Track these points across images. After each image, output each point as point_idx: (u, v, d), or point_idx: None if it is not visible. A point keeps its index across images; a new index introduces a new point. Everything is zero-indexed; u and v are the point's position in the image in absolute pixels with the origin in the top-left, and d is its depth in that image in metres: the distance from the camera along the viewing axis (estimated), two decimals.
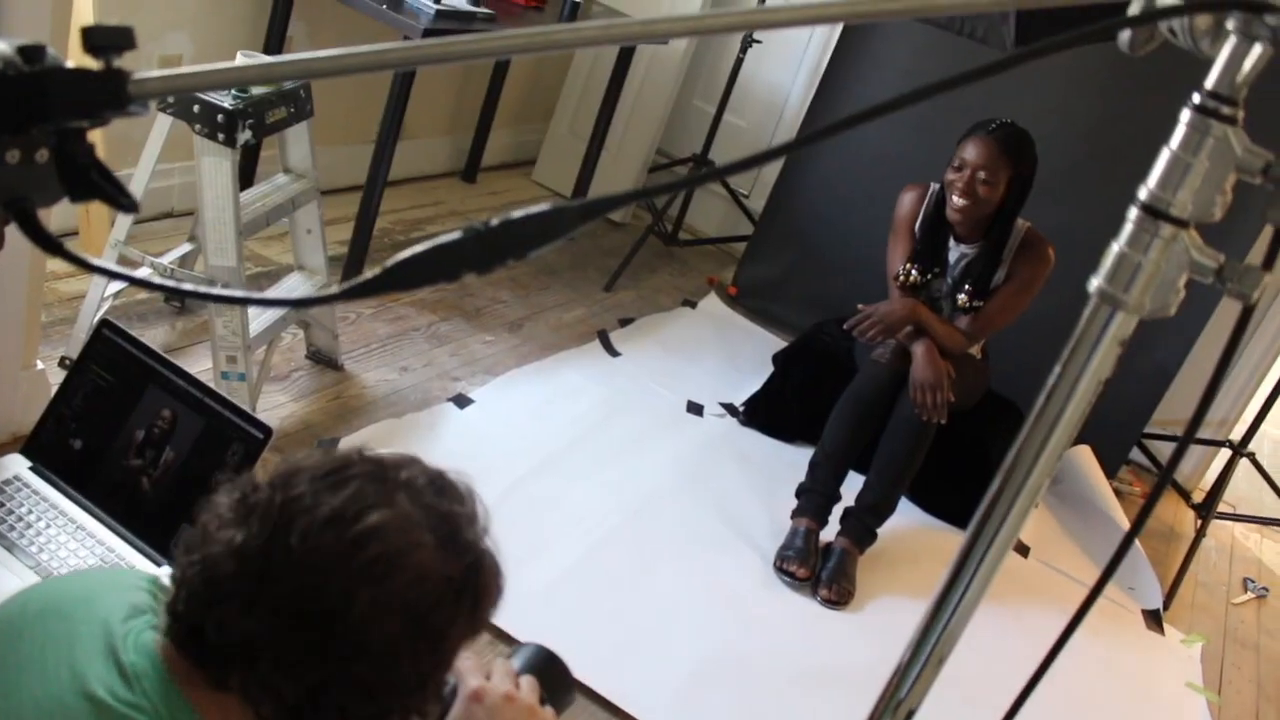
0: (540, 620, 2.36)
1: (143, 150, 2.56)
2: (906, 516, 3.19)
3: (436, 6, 3.18)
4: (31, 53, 0.92)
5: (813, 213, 4.13)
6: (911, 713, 1.11)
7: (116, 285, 2.72)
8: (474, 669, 1.26)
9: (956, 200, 2.91)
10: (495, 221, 0.89)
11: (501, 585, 1.11)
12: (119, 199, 0.94)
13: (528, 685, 1.28)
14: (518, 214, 0.90)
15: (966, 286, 3.01)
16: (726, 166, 0.83)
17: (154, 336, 2.89)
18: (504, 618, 2.30)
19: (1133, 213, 0.86)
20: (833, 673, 2.55)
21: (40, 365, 2.38)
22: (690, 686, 2.35)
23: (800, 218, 4.17)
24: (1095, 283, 0.88)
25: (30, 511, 1.86)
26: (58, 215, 3.14)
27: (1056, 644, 1.02)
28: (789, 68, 4.65)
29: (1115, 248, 0.87)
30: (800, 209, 4.17)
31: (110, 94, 0.90)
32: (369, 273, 0.97)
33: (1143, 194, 0.85)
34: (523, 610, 2.37)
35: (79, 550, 1.81)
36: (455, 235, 0.88)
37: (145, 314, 2.98)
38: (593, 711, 2.21)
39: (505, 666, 1.31)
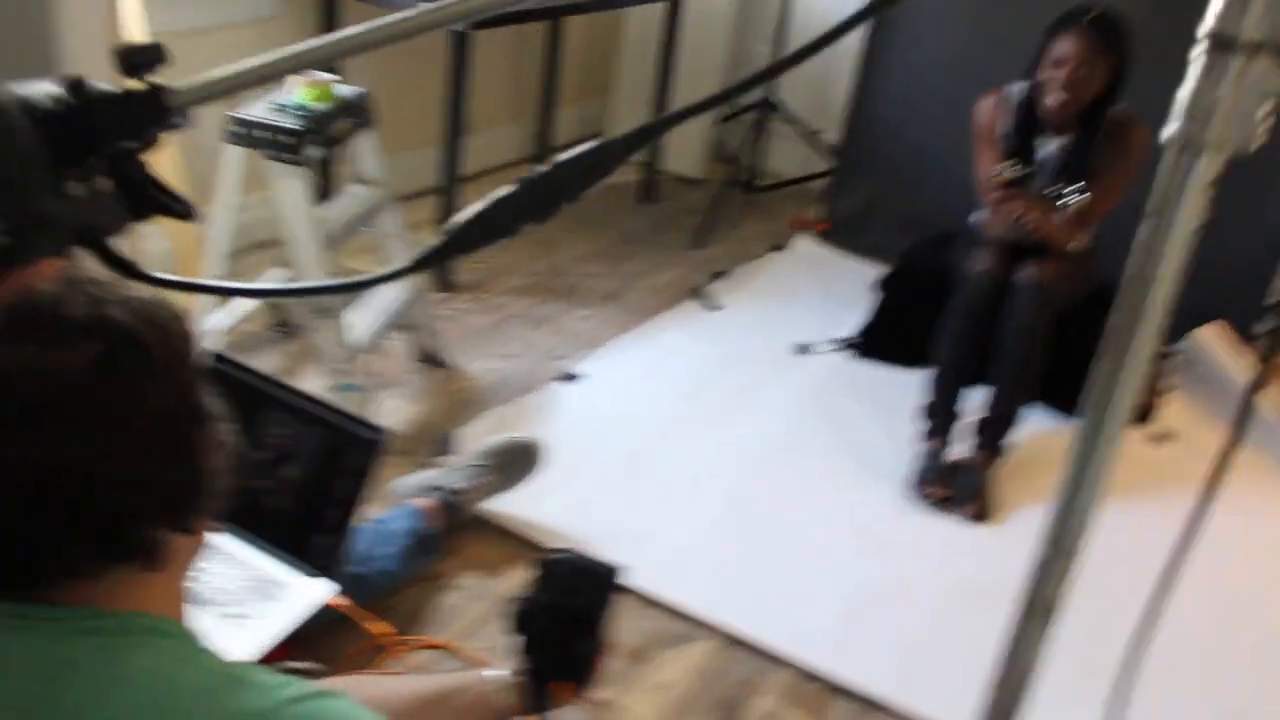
0: (682, 579, 2.37)
1: (219, 187, 2.61)
2: (1040, 421, 3.12)
3: None
4: (75, 86, 0.94)
5: (890, 134, 4.05)
6: (1050, 609, 1.09)
7: (223, 320, 2.80)
8: None
9: (1056, 96, 2.85)
10: (546, 167, 0.90)
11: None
12: (177, 208, 0.97)
13: None
14: (565, 156, 0.90)
15: (1063, 181, 2.94)
16: (685, 110, 0.81)
17: (266, 363, 2.96)
18: (647, 581, 2.33)
19: (1197, 51, 0.83)
20: (986, 588, 2.50)
21: None
22: (844, 623, 2.34)
23: (879, 142, 4.09)
24: (1169, 129, 0.85)
25: None
26: (154, 260, 3.23)
27: (1192, 520, 0.99)
28: None
29: (1185, 90, 0.84)
30: (877, 133, 4.09)
31: (152, 109, 0.93)
32: (431, 242, 0.98)
33: (1205, 28, 0.81)
34: (663, 572, 2.38)
35: (226, 573, 1.87)
36: (508, 188, 0.89)
37: (257, 344, 3.06)
38: (751, 661, 2.21)
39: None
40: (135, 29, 2.70)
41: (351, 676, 1.70)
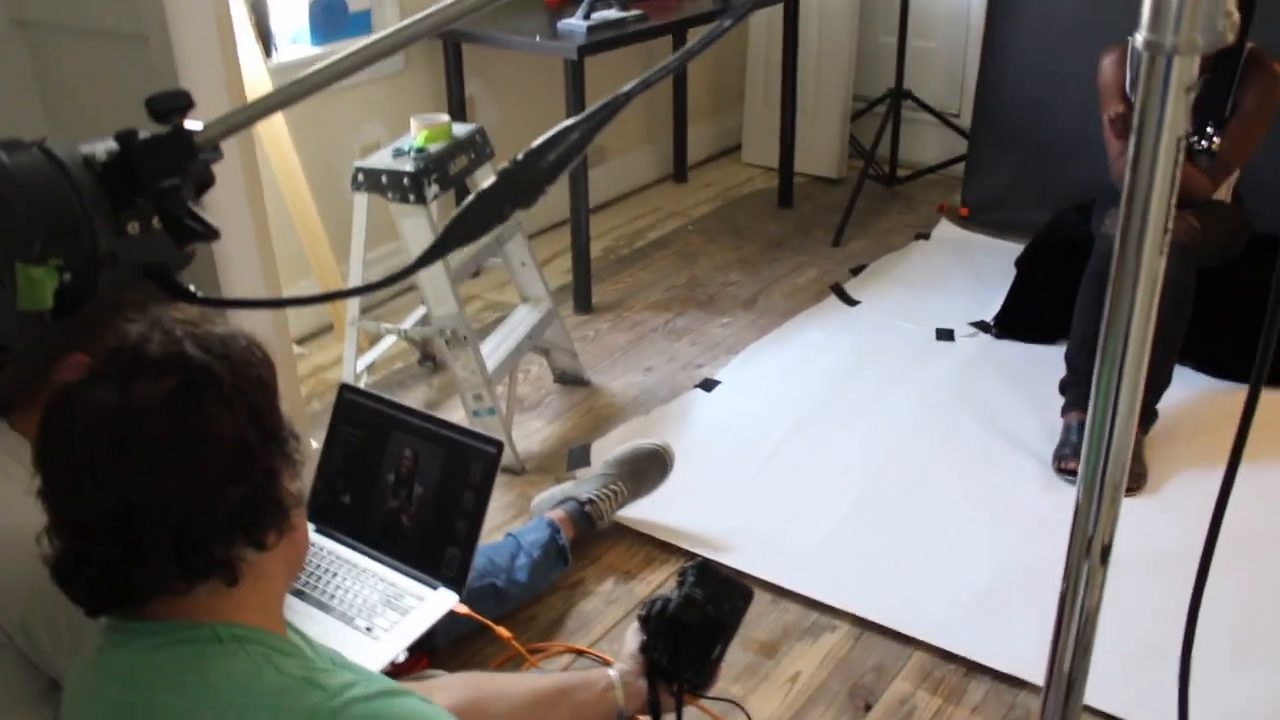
0: (820, 571, 2.38)
1: (352, 235, 2.77)
2: (1192, 385, 3.01)
3: (587, 23, 3.29)
4: (124, 137, 1.05)
5: (1021, 109, 3.96)
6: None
7: (368, 360, 2.96)
8: None
9: None
10: (520, 156, 0.95)
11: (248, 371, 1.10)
12: (206, 234, 1.06)
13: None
14: (537, 142, 0.96)
15: (1199, 127, 2.82)
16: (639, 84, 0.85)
17: (414, 397, 3.11)
18: (784, 574, 2.35)
19: None
20: (1140, 560, 2.42)
21: (315, 444, 2.61)
22: (982, 602, 2.30)
23: (1011, 118, 4.00)
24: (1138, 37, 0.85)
25: (320, 566, 2.05)
26: (310, 315, 3.44)
27: None
28: None
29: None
30: (1008, 109, 4.01)
31: (182, 147, 1.03)
32: (432, 241, 1.04)
33: None
34: (802, 565, 2.40)
35: (364, 591, 1.98)
36: (490, 179, 0.95)
37: (405, 380, 3.22)
38: (884, 645, 2.20)
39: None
40: (260, 90, 2.89)
41: (470, 674, 1.78)
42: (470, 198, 0.92)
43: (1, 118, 2.67)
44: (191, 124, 1.04)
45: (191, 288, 1.13)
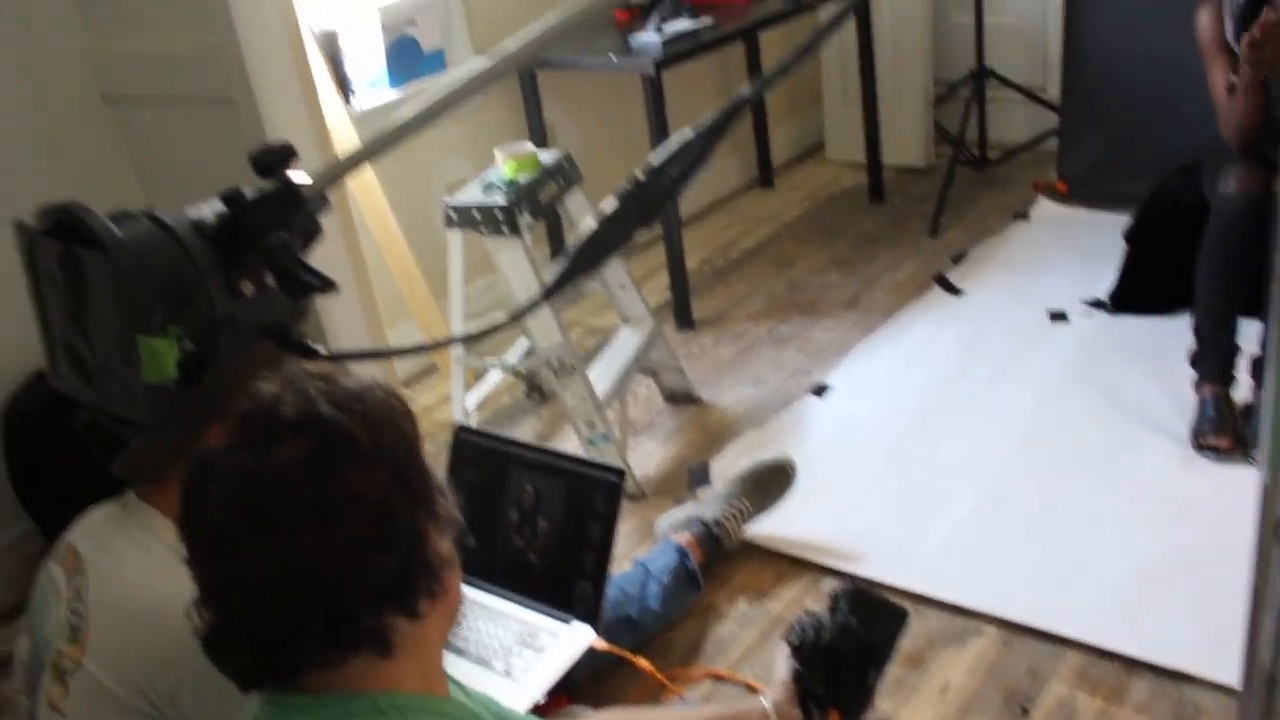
0: (958, 574, 2.30)
1: (449, 273, 2.76)
2: None
3: (660, 37, 3.25)
4: (229, 198, 1.03)
5: (1111, 76, 3.83)
6: None
7: (476, 397, 2.95)
8: None
9: None
10: (641, 175, 0.91)
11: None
12: (322, 286, 1.04)
13: None
14: (655, 159, 0.91)
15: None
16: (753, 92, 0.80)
17: (526, 430, 3.09)
18: (921, 580, 2.27)
19: None
20: None
21: None
22: (1136, 595, 2.19)
23: (1101, 86, 3.87)
24: None
25: None
26: (413, 357, 3.45)
27: None
28: None
29: None
30: (1098, 78, 3.88)
31: (289, 201, 1.01)
32: (559, 269, 1.00)
33: None
34: (938, 569, 2.32)
35: (498, 632, 1.96)
36: (613, 202, 0.91)
37: (514, 414, 3.20)
38: (1037, 648, 2.11)
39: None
40: (345, 138, 2.91)
41: (620, 710, 1.74)
42: (592, 225, 0.89)
43: (99, 190, 2.72)
44: (297, 176, 1.02)
45: (313, 343, 1.11)
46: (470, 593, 2.06)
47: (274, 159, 0.96)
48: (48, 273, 1.07)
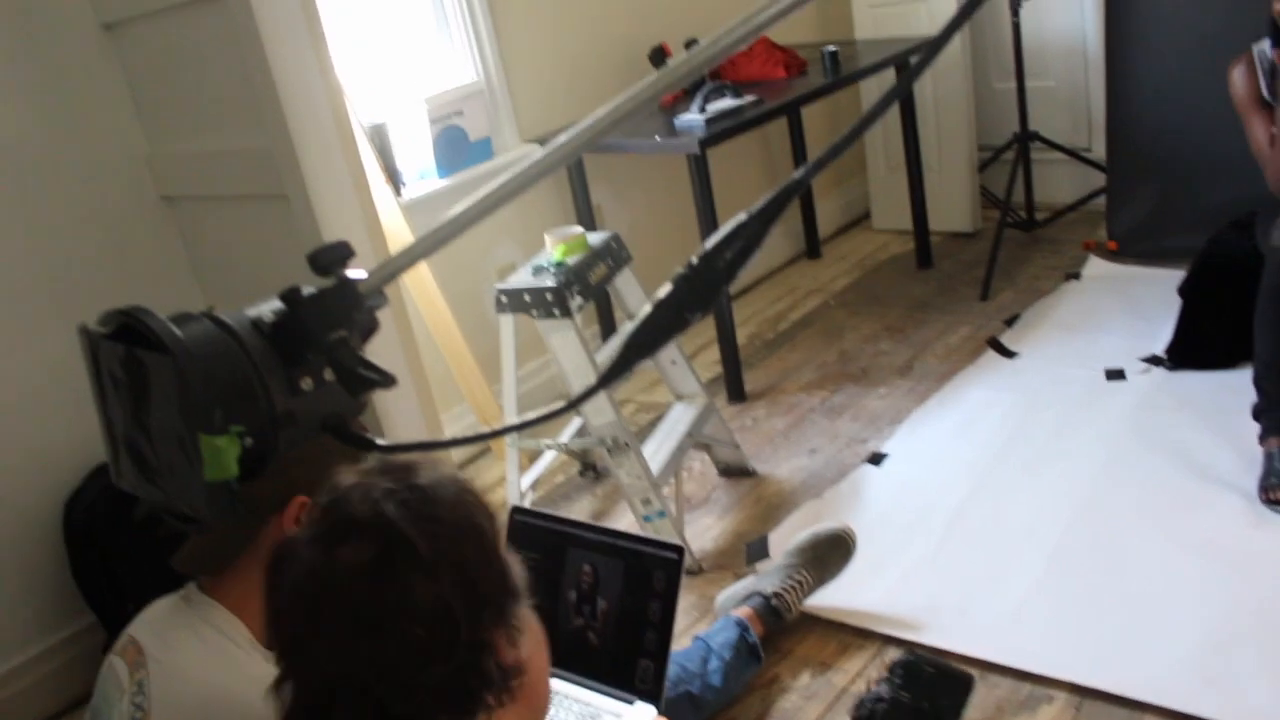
0: (1025, 639, 2.26)
1: (501, 356, 2.79)
2: None
3: (704, 116, 3.30)
4: (288, 296, 1.06)
5: (1156, 133, 3.84)
6: None
7: (530, 478, 2.96)
8: None
9: None
10: (695, 259, 0.93)
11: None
12: (382, 381, 1.06)
13: None
14: (710, 242, 0.93)
15: None
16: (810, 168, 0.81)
17: (580, 509, 3.10)
18: (987, 647, 2.23)
19: None
20: None
21: None
22: (1212, 656, 2.14)
23: (1147, 144, 3.88)
24: None
25: None
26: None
27: None
28: (1071, 6, 4.40)
29: None
30: (1144, 134, 3.88)
31: (348, 299, 1.03)
32: (613, 355, 1.02)
33: None
34: (1004, 635, 2.28)
35: (560, 714, 1.94)
36: (667, 288, 0.92)
37: (568, 492, 3.21)
38: (1112, 713, 2.06)
39: None
40: (401, 235, 2.97)
41: None
42: (646, 309, 0.90)
43: (158, 289, 2.80)
44: (354, 273, 1.04)
45: (372, 436, 1.13)
46: None
47: (332, 258, 0.98)
48: (110, 375, 1.10)
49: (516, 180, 0.94)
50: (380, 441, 1.10)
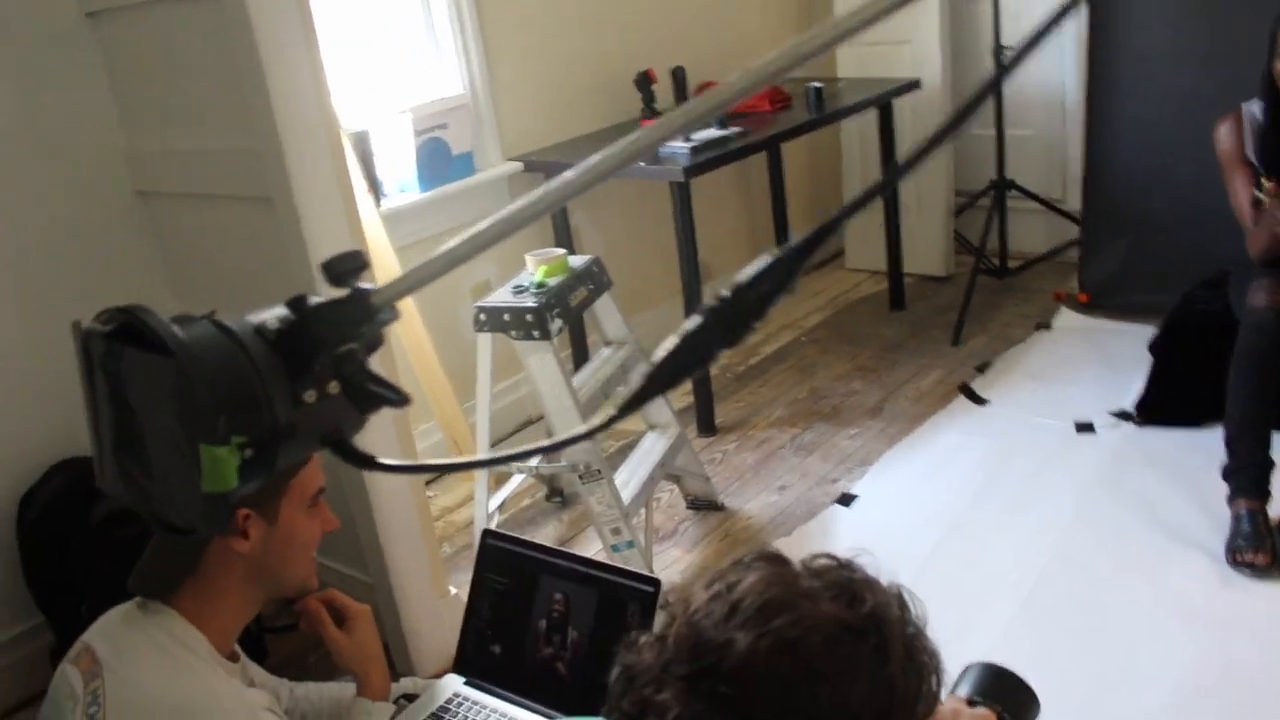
0: None
1: (478, 375, 2.75)
2: None
3: (689, 145, 3.29)
4: (295, 303, 1.01)
5: (1132, 188, 3.87)
6: None
7: (498, 499, 2.91)
8: None
9: None
10: (727, 292, 0.89)
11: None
12: (394, 399, 1.01)
13: (982, 714, 1.19)
14: (743, 276, 0.90)
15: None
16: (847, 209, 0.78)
17: (546, 534, 3.05)
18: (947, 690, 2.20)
19: None
20: None
21: (454, 590, 2.55)
22: (1181, 710, 2.14)
23: (1123, 195, 3.91)
24: None
25: None
26: (432, 457, 3.42)
27: None
28: (1051, 57, 4.44)
29: None
30: (1120, 187, 3.91)
31: (359, 311, 0.99)
32: (634, 387, 0.98)
33: None
34: None
35: None
36: (696, 319, 0.88)
37: (534, 517, 3.16)
38: None
39: (953, 700, 1.23)
40: (381, 245, 2.92)
41: None
42: (673, 340, 0.86)
43: (125, 284, 2.73)
44: (366, 286, 1.00)
45: (371, 454, 1.09)
46: (492, 703, 2.02)
47: (347, 267, 0.94)
48: (103, 375, 1.05)
49: (546, 199, 0.91)
50: (384, 461, 1.06)
